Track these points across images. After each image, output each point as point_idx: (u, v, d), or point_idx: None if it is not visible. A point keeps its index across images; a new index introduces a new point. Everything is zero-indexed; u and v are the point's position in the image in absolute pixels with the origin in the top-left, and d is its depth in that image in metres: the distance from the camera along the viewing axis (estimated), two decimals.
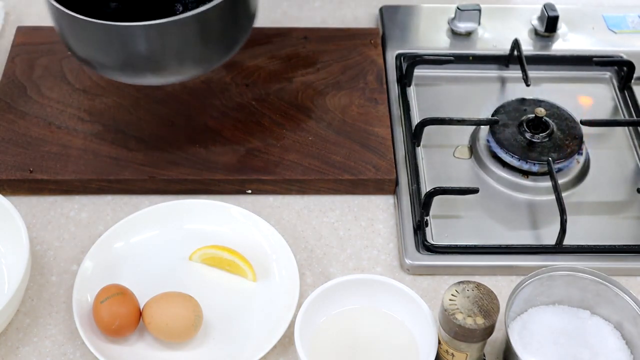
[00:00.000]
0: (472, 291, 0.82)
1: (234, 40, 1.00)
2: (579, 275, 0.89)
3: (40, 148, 1.05)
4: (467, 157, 1.08)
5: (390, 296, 0.89)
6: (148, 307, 0.89)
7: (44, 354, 0.90)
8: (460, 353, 0.84)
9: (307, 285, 0.96)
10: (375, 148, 1.07)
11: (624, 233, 1.01)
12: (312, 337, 0.87)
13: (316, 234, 1.01)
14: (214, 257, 0.96)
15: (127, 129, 1.08)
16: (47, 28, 1.21)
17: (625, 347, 0.88)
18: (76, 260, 0.97)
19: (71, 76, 1.15)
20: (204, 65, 1.01)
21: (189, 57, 0.97)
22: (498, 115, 1.08)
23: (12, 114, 1.09)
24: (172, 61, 0.96)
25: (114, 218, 1.01)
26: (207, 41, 0.97)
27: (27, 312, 0.93)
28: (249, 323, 0.92)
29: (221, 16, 0.95)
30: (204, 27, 0.95)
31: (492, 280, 0.96)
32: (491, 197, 1.04)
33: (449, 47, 1.22)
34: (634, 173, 1.08)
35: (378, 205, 1.04)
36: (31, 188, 1.03)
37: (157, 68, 0.97)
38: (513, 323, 0.89)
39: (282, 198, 1.04)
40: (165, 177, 1.03)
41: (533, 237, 1.00)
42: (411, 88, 1.16)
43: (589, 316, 0.90)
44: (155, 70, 0.97)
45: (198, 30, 0.95)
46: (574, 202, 1.03)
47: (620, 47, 1.22)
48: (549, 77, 1.19)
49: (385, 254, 0.99)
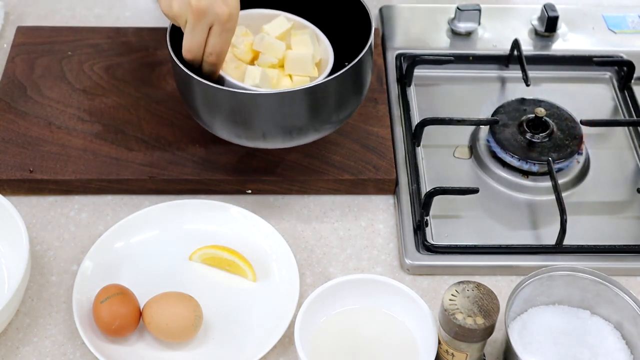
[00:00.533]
0: (472, 291, 0.82)
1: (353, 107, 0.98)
2: (579, 275, 0.89)
3: (40, 148, 1.05)
4: (467, 157, 1.08)
5: (390, 296, 0.89)
6: (148, 307, 0.89)
7: (44, 354, 0.90)
8: (460, 353, 0.84)
9: (307, 285, 0.96)
10: (375, 148, 1.07)
11: (624, 233, 1.01)
12: (312, 337, 0.87)
13: (316, 234, 1.01)
14: (214, 257, 0.96)
15: (127, 129, 1.08)
16: (47, 28, 1.21)
17: (625, 347, 0.88)
18: (76, 260, 0.97)
19: (71, 76, 1.15)
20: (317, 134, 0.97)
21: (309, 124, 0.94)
22: (498, 115, 1.08)
23: (12, 114, 1.09)
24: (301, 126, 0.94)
25: (114, 218, 1.01)
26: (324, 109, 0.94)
27: (27, 312, 0.93)
28: (249, 323, 0.92)
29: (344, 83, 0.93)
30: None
31: (492, 280, 0.96)
32: (491, 197, 1.04)
33: (449, 47, 1.22)
34: (634, 173, 1.08)
35: (378, 205, 1.04)
36: (31, 188, 1.03)
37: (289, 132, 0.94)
38: (513, 323, 0.89)
39: (282, 198, 1.04)
40: (165, 177, 1.03)
41: (533, 237, 1.00)
42: (411, 88, 1.16)
43: (589, 316, 0.90)
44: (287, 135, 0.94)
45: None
46: (574, 202, 1.03)
47: (620, 47, 1.22)
48: (549, 77, 1.19)
49: (385, 254, 0.99)
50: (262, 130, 0.93)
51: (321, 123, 0.95)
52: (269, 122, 0.92)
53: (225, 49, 0.89)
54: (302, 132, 0.94)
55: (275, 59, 0.98)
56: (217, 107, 0.92)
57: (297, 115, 0.92)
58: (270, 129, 0.93)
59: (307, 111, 0.92)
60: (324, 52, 1.01)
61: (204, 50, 0.89)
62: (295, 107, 0.91)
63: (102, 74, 1.15)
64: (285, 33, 1.00)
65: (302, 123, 0.93)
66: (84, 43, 1.19)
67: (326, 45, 1.01)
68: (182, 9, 0.86)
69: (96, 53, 1.18)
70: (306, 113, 0.92)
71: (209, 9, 0.85)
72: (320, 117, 0.94)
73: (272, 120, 0.92)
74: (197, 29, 0.86)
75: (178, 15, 0.87)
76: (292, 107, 0.91)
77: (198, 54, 0.89)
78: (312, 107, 0.92)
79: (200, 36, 0.87)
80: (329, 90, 0.92)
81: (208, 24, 0.86)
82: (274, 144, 0.96)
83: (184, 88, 0.94)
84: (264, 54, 0.98)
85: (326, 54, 1.00)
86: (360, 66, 0.93)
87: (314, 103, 0.92)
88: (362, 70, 0.95)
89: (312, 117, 0.93)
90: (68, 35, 1.20)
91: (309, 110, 0.92)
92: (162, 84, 1.14)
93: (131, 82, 1.14)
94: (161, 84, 1.14)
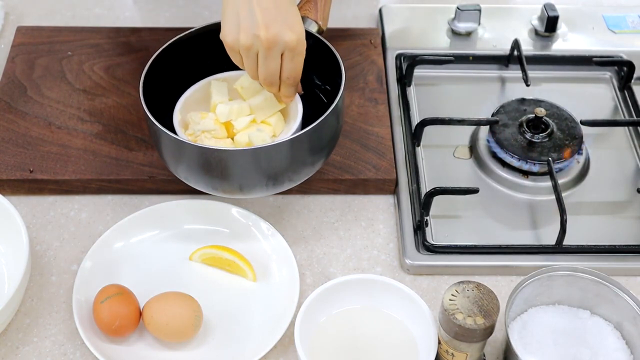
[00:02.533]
0: (472, 291, 0.82)
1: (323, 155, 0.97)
2: (579, 275, 0.89)
3: (40, 148, 1.05)
4: (467, 157, 1.08)
5: (390, 296, 0.89)
6: (148, 307, 0.89)
7: (44, 354, 0.90)
8: (460, 353, 0.84)
9: (307, 285, 0.96)
10: (375, 148, 1.07)
11: (624, 233, 1.01)
12: (312, 337, 0.87)
13: (316, 234, 1.01)
14: (214, 257, 0.96)
15: (127, 129, 1.08)
16: (47, 28, 1.21)
17: (625, 347, 0.88)
18: (76, 260, 0.97)
19: (71, 76, 1.15)
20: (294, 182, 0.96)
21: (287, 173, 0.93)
22: (498, 115, 1.08)
23: (12, 114, 1.10)
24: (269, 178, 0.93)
25: (114, 218, 1.01)
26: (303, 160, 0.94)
27: (27, 312, 0.93)
28: (249, 323, 0.92)
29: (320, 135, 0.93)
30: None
31: (492, 280, 0.96)
32: (491, 197, 1.04)
33: (449, 47, 1.22)
34: (634, 173, 1.08)
35: (378, 205, 1.04)
36: (31, 188, 1.03)
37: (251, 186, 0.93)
38: (513, 323, 0.89)
39: (282, 198, 1.04)
40: (165, 177, 1.03)
41: (533, 237, 1.00)
42: (411, 88, 1.16)
43: (589, 316, 0.90)
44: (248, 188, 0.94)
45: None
46: (574, 202, 1.03)
47: (620, 47, 1.22)
48: (549, 77, 1.19)
49: (385, 254, 0.99)
50: (238, 183, 0.92)
51: (298, 171, 0.94)
52: (244, 176, 0.92)
53: (300, 70, 0.92)
54: (279, 181, 0.93)
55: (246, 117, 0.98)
56: (188, 161, 0.92)
57: (275, 167, 0.92)
58: (247, 181, 0.92)
59: (285, 162, 0.92)
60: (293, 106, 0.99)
61: (280, 76, 0.92)
62: (272, 160, 0.91)
63: (102, 74, 1.15)
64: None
65: (280, 172, 0.92)
66: (84, 43, 1.19)
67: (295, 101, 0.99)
68: (251, 41, 0.88)
69: (96, 53, 1.18)
70: (284, 164, 0.92)
71: (279, 38, 0.88)
72: (296, 166, 0.93)
73: (247, 174, 0.91)
74: (270, 58, 0.90)
75: (247, 47, 0.89)
76: (268, 160, 0.91)
77: (275, 80, 0.93)
78: (290, 158, 0.92)
79: (275, 63, 0.90)
80: (304, 142, 0.91)
81: (279, 51, 0.89)
82: (252, 195, 0.95)
83: (159, 144, 0.94)
84: (235, 120, 0.97)
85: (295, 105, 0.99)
86: (327, 121, 0.91)
87: (292, 154, 0.91)
88: (331, 121, 0.93)
89: (289, 166, 0.93)
90: (68, 35, 1.20)
91: (288, 160, 0.92)
92: None
93: (131, 82, 1.14)
94: None
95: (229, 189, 0.93)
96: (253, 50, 0.89)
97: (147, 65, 0.96)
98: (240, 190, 0.93)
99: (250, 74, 0.93)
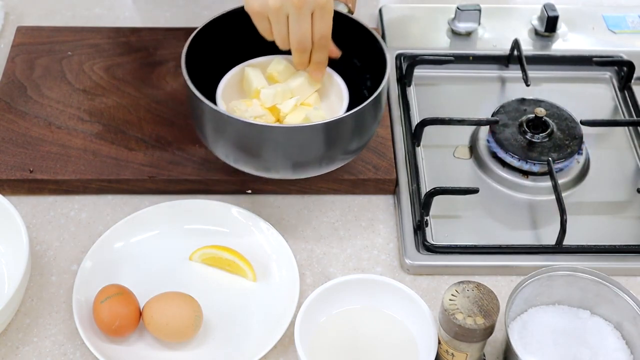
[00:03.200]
0: (472, 291, 0.82)
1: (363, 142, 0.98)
2: (579, 275, 0.89)
3: (40, 148, 1.05)
4: (467, 157, 1.08)
5: (390, 296, 0.89)
6: (148, 307, 0.89)
7: (44, 354, 0.90)
8: (460, 353, 0.84)
9: (307, 285, 0.96)
10: (375, 148, 1.07)
11: (624, 233, 1.01)
12: (312, 337, 0.87)
13: (316, 234, 1.01)
14: (214, 257, 0.96)
15: (127, 129, 1.08)
16: (47, 28, 1.21)
17: (625, 347, 0.88)
18: (76, 260, 0.97)
19: (71, 76, 1.15)
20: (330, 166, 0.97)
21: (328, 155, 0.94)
22: (498, 115, 1.08)
23: (12, 114, 1.10)
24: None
25: (114, 218, 1.01)
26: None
27: (27, 312, 0.93)
28: (249, 323, 0.92)
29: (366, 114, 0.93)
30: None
31: (492, 280, 0.96)
32: (491, 197, 1.04)
33: (449, 47, 1.22)
34: (634, 173, 1.08)
35: (378, 205, 1.04)
36: (31, 188, 1.03)
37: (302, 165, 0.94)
38: (513, 323, 0.89)
39: (282, 198, 1.04)
40: (165, 177, 1.03)
41: (533, 237, 1.00)
42: (411, 88, 1.16)
43: (589, 316, 0.90)
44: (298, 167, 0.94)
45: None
46: (574, 202, 1.03)
47: (620, 47, 1.22)
48: (549, 77, 1.19)
49: (385, 254, 0.99)
50: (292, 161, 0.93)
51: (334, 156, 0.95)
52: (302, 154, 0.93)
53: (330, 29, 0.92)
54: (332, 159, 0.94)
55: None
56: (227, 135, 0.92)
57: (337, 142, 0.93)
58: (303, 159, 0.93)
59: (348, 135, 0.93)
60: (337, 89, 1.00)
61: (312, 39, 0.92)
62: (313, 141, 0.91)
63: (102, 74, 1.15)
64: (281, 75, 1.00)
65: (340, 147, 0.94)
66: (84, 43, 1.19)
67: (339, 83, 1.00)
68: (281, 3, 0.88)
69: (96, 53, 1.18)
70: (347, 137, 0.93)
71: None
72: (335, 150, 0.94)
73: (306, 151, 0.92)
74: (302, 18, 0.89)
75: (277, 9, 0.88)
76: (310, 140, 0.91)
77: (308, 44, 0.92)
78: (328, 140, 0.92)
79: (307, 24, 0.90)
80: (346, 125, 0.92)
81: (310, 10, 0.89)
82: (304, 174, 0.96)
83: (199, 115, 0.94)
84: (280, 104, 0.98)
85: (339, 89, 1.00)
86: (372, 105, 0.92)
87: (332, 136, 0.92)
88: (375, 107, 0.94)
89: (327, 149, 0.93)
90: (68, 35, 1.20)
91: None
92: (162, 84, 1.14)
93: (131, 82, 1.14)
94: (161, 84, 1.14)
95: (282, 168, 0.93)
96: (283, 12, 0.89)
97: (184, 52, 0.94)
98: (292, 170, 0.94)
99: (280, 41, 0.92)
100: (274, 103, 0.97)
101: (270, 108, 0.97)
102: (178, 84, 1.13)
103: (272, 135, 0.90)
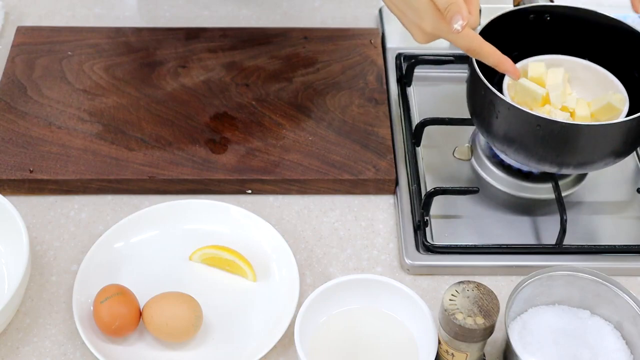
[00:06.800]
0: (472, 291, 0.82)
1: None
2: (579, 275, 0.89)
3: (40, 148, 1.05)
4: (467, 157, 1.08)
5: (390, 296, 0.89)
6: (148, 307, 0.89)
7: (44, 354, 0.90)
8: (460, 353, 0.84)
9: (307, 285, 0.96)
10: (375, 148, 1.07)
11: (624, 233, 1.01)
12: (312, 337, 0.87)
13: (316, 234, 1.01)
14: (214, 257, 0.96)
15: (127, 129, 1.08)
16: (47, 28, 1.22)
17: (625, 347, 0.88)
18: (76, 260, 0.97)
19: (71, 76, 1.15)
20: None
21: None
22: None
23: (12, 114, 1.10)
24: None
25: (114, 218, 1.01)
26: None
27: (27, 312, 0.93)
28: (249, 323, 0.92)
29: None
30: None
31: (492, 280, 0.96)
32: (491, 197, 1.04)
33: (449, 47, 1.21)
34: (634, 173, 1.08)
35: (378, 205, 1.04)
36: (31, 188, 1.03)
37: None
38: (513, 323, 0.89)
39: (282, 198, 1.04)
40: (165, 177, 1.03)
41: (533, 237, 1.00)
42: (411, 88, 1.16)
43: (589, 316, 0.90)
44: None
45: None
46: (574, 202, 1.03)
47: None
48: None
49: (385, 254, 0.99)
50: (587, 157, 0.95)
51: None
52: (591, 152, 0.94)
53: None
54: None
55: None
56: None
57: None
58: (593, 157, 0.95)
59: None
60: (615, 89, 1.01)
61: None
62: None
63: (102, 74, 1.15)
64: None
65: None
66: (84, 43, 1.19)
67: (616, 84, 1.01)
68: (434, 27, 0.90)
69: (96, 53, 1.18)
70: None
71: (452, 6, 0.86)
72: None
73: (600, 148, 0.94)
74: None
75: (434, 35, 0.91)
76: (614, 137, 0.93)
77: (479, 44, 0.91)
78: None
79: (473, 35, 0.90)
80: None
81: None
82: (589, 169, 0.99)
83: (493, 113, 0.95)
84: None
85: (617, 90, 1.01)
86: None
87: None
88: None
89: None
90: (68, 35, 1.20)
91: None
92: (162, 84, 1.14)
93: (131, 82, 1.14)
94: (161, 84, 1.14)
95: (574, 163, 0.95)
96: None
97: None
98: (582, 165, 0.96)
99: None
100: (563, 103, 0.98)
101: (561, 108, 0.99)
102: (178, 84, 1.13)
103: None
